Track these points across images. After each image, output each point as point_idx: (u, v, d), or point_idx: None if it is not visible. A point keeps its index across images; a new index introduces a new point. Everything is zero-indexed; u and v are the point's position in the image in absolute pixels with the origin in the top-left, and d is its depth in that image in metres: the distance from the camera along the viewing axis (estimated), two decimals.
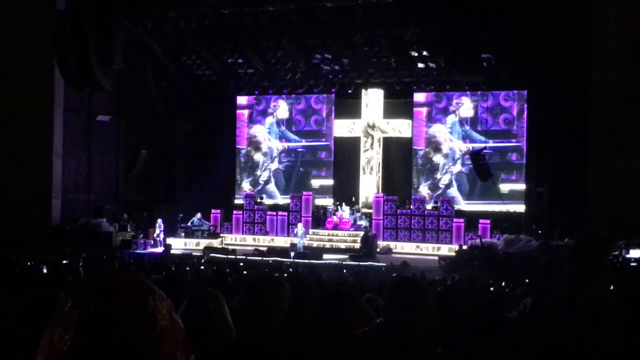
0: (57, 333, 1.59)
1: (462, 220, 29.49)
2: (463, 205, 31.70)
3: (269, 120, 35.18)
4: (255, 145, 35.55)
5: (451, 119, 32.16)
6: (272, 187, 35.31)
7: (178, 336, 1.67)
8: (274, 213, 32.16)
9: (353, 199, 31.45)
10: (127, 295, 1.62)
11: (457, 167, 32.30)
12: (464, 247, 27.28)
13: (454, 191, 32.20)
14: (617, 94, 24.45)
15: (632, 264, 20.77)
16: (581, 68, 26.23)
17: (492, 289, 14.61)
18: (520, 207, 30.83)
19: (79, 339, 1.57)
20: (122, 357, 1.57)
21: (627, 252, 21.71)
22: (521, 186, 30.93)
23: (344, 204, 30.77)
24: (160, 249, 27.94)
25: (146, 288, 1.66)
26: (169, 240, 29.01)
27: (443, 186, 32.40)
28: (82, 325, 1.58)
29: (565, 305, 2.37)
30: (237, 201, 34.66)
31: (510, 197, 31.06)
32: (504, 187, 31.16)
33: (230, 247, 28.82)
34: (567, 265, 2.45)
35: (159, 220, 29.90)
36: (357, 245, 27.85)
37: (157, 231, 29.54)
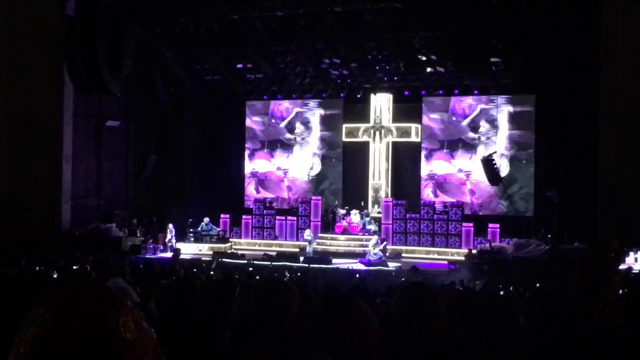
0: (19, 348, 1.55)
1: (471, 224, 29.43)
2: None
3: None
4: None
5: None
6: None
7: (147, 347, 1.61)
8: (283, 218, 32.15)
9: (362, 204, 31.41)
10: (86, 309, 1.56)
11: None
12: (474, 251, 27.22)
13: None
14: (626, 98, 24.39)
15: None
16: (590, 72, 26.17)
17: (501, 292, 14.59)
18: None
19: (40, 353, 1.52)
20: None
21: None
22: (530, 190, 30.88)
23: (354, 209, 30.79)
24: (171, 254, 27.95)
25: (109, 301, 1.60)
26: (178, 245, 28.98)
27: None
28: (40, 342, 1.53)
29: (574, 315, 2.37)
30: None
31: (520, 202, 31.05)
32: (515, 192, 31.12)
33: (239, 252, 28.83)
34: (575, 274, 2.44)
35: (170, 225, 29.94)
36: (366, 249, 27.76)
37: (169, 236, 29.57)
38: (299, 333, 2.79)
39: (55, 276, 10.15)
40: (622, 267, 2.45)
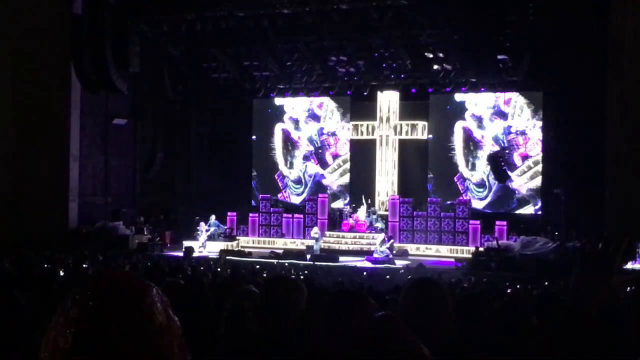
0: (58, 332, 1.62)
1: (478, 222, 29.41)
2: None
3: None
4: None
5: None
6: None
7: (175, 333, 1.69)
8: (290, 215, 32.17)
9: (369, 201, 31.40)
10: (124, 292, 1.65)
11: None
12: (481, 249, 27.20)
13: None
14: (634, 95, 24.31)
15: None
16: (597, 69, 26.10)
17: (509, 290, 14.57)
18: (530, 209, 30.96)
19: (80, 337, 1.59)
20: (122, 353, 1.59)
21: None
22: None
23: (361, 205, 30.78)
24: (205, 253, 28.00)
25: (143, 285, 1.69)
26: (188, 244, 29.00)
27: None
28: (82, 323, 1.60)
29: (574, 310, 2.36)
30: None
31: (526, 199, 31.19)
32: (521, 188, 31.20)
33: (246, 250, 28.84)
34: (575, 270, 2.43)
35: (202, 224, 30.04)
36: (373, 247, 27.73)
37: (204, 236, 29.58)
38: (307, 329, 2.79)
39: (61, 274, 10.17)
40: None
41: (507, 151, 30.09)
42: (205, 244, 29.20)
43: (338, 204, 33.71)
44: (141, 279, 1.71)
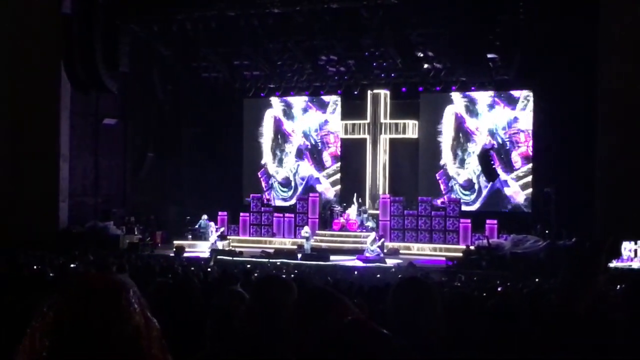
0: (36, 337, 1.60)
1: (468, 220, 29.46)
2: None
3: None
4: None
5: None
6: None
7: (153, 334, 1.68)
8: (281, 215, 32.18)
9: (360, 200, 31.40)
10: (101, 294, 1.63)
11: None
12: (471, 247, 27.24)
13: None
14: (623, 94, 24.39)
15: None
16: (587, 68, 26.19)
17: (499, 289, 14.59)
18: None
19: (57, 342, 1.57)
20: (99, 356, 1.57)
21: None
22: (528, 186, 30.92)
23: (351, 205, 30.78)
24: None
25: (119, 287, 1.68)
26: (178, 243, 29.00)
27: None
28: (58, 327, 1.58)
29: (562, 309, 2.37)
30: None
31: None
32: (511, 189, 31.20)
33: (237, 249, 28.82)
34: (563, 269, 2.45)
35: (212, 224, 30.03)
36: (364, 246, 27.73)
37: (214, 236, 29.54)
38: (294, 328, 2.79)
39: (51, 274, 10.15)
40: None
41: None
42: (216, 244, 29.18)
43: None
44: (117, 281, 1.69)
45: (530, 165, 31.02)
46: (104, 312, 1.60)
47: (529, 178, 30.97)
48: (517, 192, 31.14)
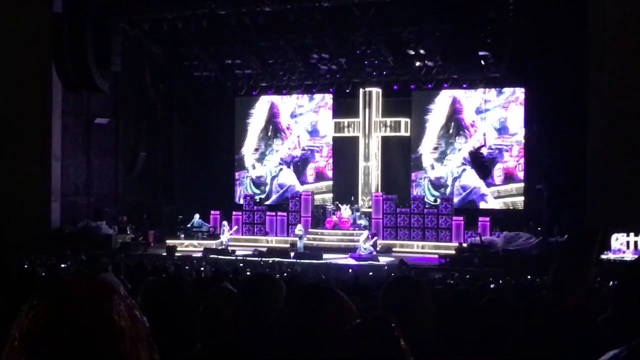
0: (15, 339, 1.57)
1: (461, 218, 29.49)
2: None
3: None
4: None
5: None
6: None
7: (141, 335, 1.64)
8: (274, 213, 32.15)
9: (352, 199, 31.40)
10: (81, 298, 1.58)
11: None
12: (464, 245, 27.27)
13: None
14: (614, 91, 24.46)
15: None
16: (578, 65, 26.23)
17: (492, 286, 14.61)
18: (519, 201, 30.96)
19: (34, 346, 1.54)
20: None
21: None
22: (520, 183, 30.93)
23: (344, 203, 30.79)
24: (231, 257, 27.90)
25: (102, 290, 1.63)
26: (171, 242, 28.98)
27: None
28: (35, 331, 1.54)
29: (552, 305, 2.36)
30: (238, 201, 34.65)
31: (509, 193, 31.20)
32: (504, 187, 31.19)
33: (230, 248, 28.79)
34: (553, 265, 2.44)
35: (224, 222, 30.00)
36: (357, 244, 27.73)
37: (226, 235, 29.53)
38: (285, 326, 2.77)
39: (43, 274, 10.11)
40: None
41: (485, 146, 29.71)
42: (228, 243, 29.15)
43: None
44: (100, 283, 1.65)
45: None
46: (84, 318, 1.55)
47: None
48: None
